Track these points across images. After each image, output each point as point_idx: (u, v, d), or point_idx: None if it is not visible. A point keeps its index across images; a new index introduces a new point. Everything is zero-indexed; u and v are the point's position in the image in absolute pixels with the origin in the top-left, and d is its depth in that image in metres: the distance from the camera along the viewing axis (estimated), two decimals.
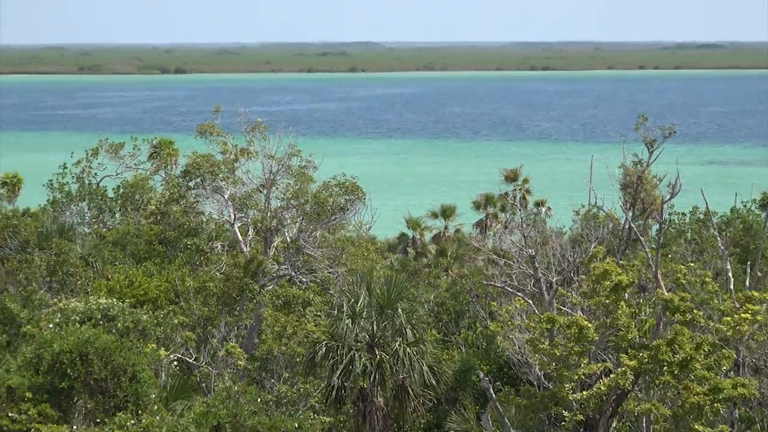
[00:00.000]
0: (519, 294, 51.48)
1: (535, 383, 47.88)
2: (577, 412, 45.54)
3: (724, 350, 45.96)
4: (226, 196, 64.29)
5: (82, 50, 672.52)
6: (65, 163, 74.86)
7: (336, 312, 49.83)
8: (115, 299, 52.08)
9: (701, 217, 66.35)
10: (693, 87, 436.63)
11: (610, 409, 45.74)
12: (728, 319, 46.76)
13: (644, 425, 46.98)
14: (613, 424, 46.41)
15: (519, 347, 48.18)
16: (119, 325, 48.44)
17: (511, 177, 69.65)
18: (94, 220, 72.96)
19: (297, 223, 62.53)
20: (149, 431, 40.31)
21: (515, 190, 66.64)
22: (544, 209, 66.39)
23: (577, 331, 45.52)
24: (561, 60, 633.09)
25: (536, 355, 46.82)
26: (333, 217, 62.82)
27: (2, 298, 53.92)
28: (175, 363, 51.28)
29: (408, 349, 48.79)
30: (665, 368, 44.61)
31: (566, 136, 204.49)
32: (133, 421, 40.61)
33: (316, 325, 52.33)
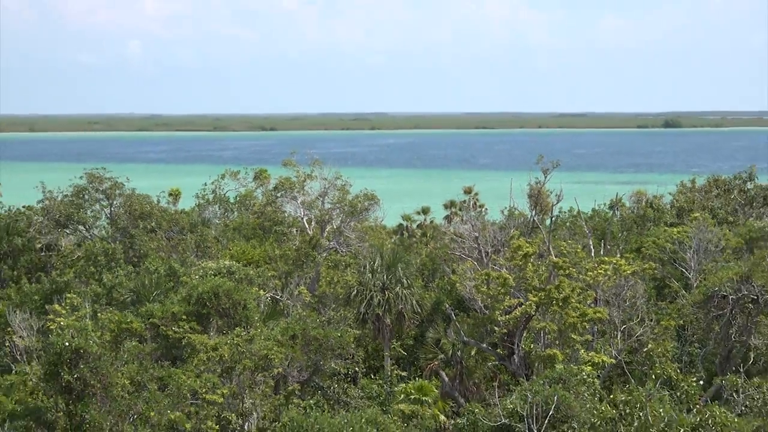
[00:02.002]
0: (469, 258, 51.59)
1: (479, 311, 47.72)
2: (503, 328, 45.82)
3: (588, 291, 46.52)
4: (299, 202, 64.69)
5: (217, 118, 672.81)
6: (205, 183, 74.77)
7: (362, 269, 50.11)
8: (233, 261, 52.62)
9: (575, 213, 65.67)
10: (570, 138, 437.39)
11: (522, 325, 45.78)
12: (590, 273, 46.82)
13: (541, 336, 46.92)
14: (524, 335, 46.24)
15: (469, 290, 47.94)
16: (236, 276, 48.52)
17: (467, 191, 68.32)
18: (221, 216, 73.02)
19: (339, 218, 62.71)
20: (253, 338, 40.18)
21: (468, 198, 66.65)
22: (483, 210, 66.15)
23: (502, 280, 45.86)
24: (495, 123, 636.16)
25: (479, 294, 46.99)
26: (360, 215, 62.96)
27: (170, 261, 54.47)
28: (269, 298, 51.40)
29: (404, 290, 48.96)
30: (554, 302, 44.92)
31: (497, 166, 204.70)
32: (244, 333, 40.72)
33: (350, 277, 52.46)
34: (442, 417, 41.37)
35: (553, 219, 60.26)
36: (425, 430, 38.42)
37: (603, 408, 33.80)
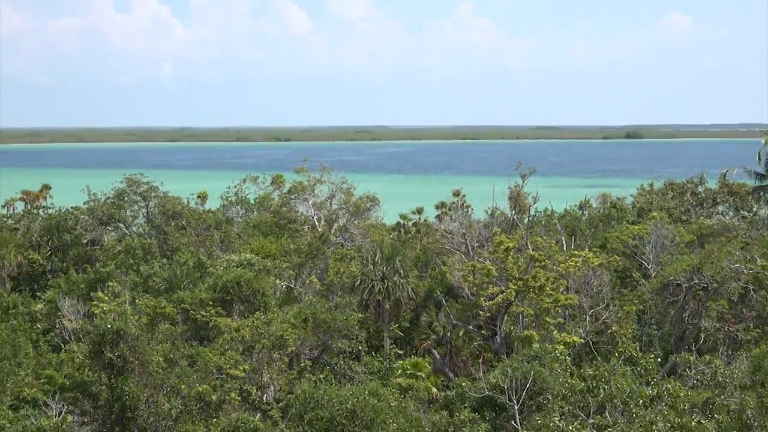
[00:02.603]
0: (457, 252, 51.42)
1: (466, 297, 47.65)
2: (486, 312, 45.96)
3: (560, 280, 46.67)
4: (310, 203, 64.78)
5: (239, 130, 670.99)
6: (229, 186, 74.26)
7: (365, 261, 49.97)
8: (253, 254, 52.57)
9: (549, 213, 65.80)
10: (545, 148, 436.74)
11: (503, 310, 45.85)
12: (562, 265, 47.01)
13: (520, 319, 47.04)
14: (505, 318, 46.19)
15: (457, 279, 47.82)
16: (255, 267, 48.43)
17: (455, 193, 68.05)
18: (243, 215, 73.01)
19: (345, 217, 62.63)
20: (270, 321, 40.24)
21: (457, 200, 66.36)
22: (469, 210, 65.88)
23: (486, 271, 45.94)
24: (480, 134, 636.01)
25: (466, 283, 46.99)
26: (363, 214, 63.03)
27: (198, 254, 54.50)
28: (284, 287, 51.41)
29: (401, 280, 48.81)
30: (531, 290, 45.00)
31: (482, 172, 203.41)
32: (262, 316, 40.77)
33: (355, 268, 52.22)
34: (434, 389, 41.43)
35: (530, 218, 60.26)
36: (419, 401, 38.43)
37: (573, 381, 34.03)
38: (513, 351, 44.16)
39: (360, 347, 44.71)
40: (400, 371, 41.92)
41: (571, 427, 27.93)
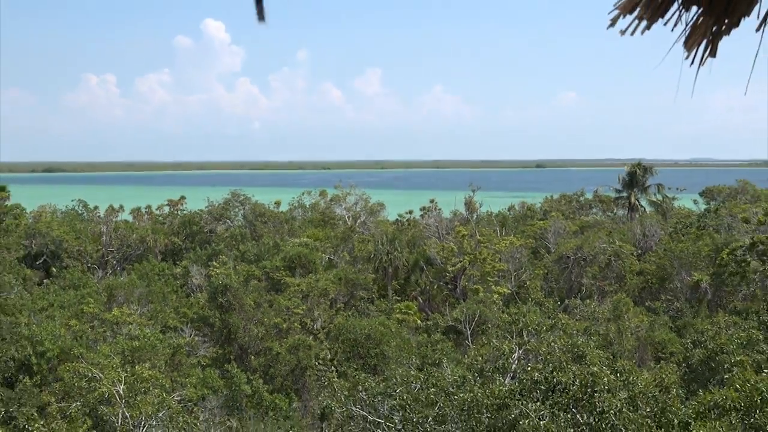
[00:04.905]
0: (433, 237, 51.06)
1: (438, 265, 46.67)
2: (451, 274, 45.51)
3: (496, 255, 45.86)
4: (343, 207, 64.51)
5: (299, 163, 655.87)
6: (294, 197, 71.00)
7: (376, 243, 49.44)
8: (308, 239, 51.09)
9: (489, 213, 63.18)
10: (487, 174, 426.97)
11: (461, 273, 45.30)
12: (497, 245, 46.39)
13: (471, 278, 46.22)
14: (462, 277, 45.50)
15: (433, 254, 47.03)
16: (309, 246, 46.31)
17: (431, 201, 66.49)
18: (302, 214, 69.74)
19: (364, 215, 62.12)
20: (319, 280, 39.82)
21: (433, 205, 65.49)
22: (440, 211, 64.32)
23: (450, 249, 45.50)
24: (446, 165, 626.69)
25: (438, 256, 46.47)
26: (375, 214, 62.66)
27: (275, 238, 52.65)
28: (327, 258, 50.00)
29: (398, 254, 48.30)
30: (478, 261, 44.57)
31: (449, 188, 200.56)
32: (314, 277, 40.38)
33: (371, 247, 51.78)
34: (419, 321, 41.31)
35: (477, 216, 59.71)
36: (409, 328, 38.38)
37: (503, 316, 33.71)
38: (467, 298, 44.07)
39: (373, 296, 44.75)
40: (398, 310, 41.97)
41: (503, 345, 27.88)
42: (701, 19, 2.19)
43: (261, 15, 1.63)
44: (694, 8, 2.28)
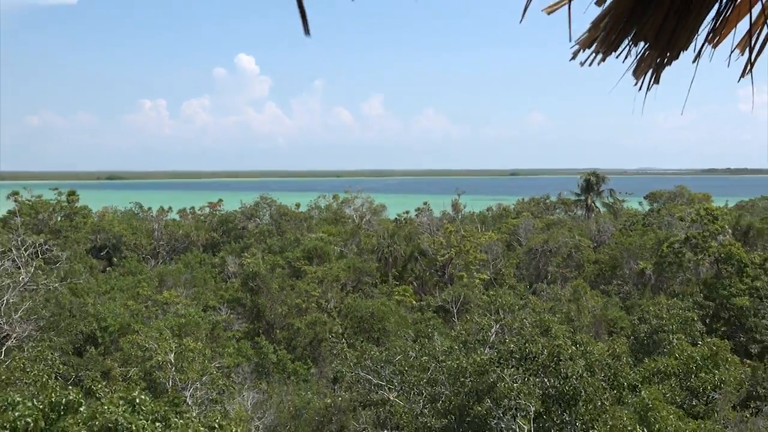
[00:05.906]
0: (426, 233, 50.18)
1: (430, 256, 46.41)
2: (440, 263, 45.08)
3: (477, 247, 45.31)
4: (351, 208, 63.98)
5: (313, 172, 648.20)
6: (311, 199, 68.85)
7: (379, 237, 49.10)
8: (323, 234, 49.99)
9: (471, 213, 61.90)
10: (470, 181, 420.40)
11: (448, 262, 44.80)
12: (479, 239, 45.83)
13: (457, 267, 45.76)
14: (449, 266, 44.92)
15: (426, 246, 46.61)
16: (324, 240, 45.75)
17: (425, 203, 66.42)
18: (318, 214, 67.14)
19: (369, 215, 61.46)
20: (332, 267, 39.44)
21: (426, 206, 64.82)
22: (431, 211, 64.01)
23: (440, 242, 45.15)
24: (437, 173, 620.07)
25: (430, 248, 46.10)
26: (378, 214, 61.89)
27: (295, 234, 52.06)
28: (338, 250, 48.48)
29: (397, 246, 47.69)
30: (462, 252, 44.10)
31: (438, 193, 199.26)
32: (327, 265, 39.91)
33: (375, 241, 50.60)
34: (414, 302, 41.17)
35: (462, 215, 59.19)
36: (406, 308, 38.25)
37: (483, 298, 33.61)
38: (453, 282, 43.82)
39: (376, 281, 44.37)
40: (396, 293, 41.77)
41: (483, 321, 27.81)
42: (647, 52, 2.25)
43: (306, 29, 1.62)
44: (642, 43, 2.29)
